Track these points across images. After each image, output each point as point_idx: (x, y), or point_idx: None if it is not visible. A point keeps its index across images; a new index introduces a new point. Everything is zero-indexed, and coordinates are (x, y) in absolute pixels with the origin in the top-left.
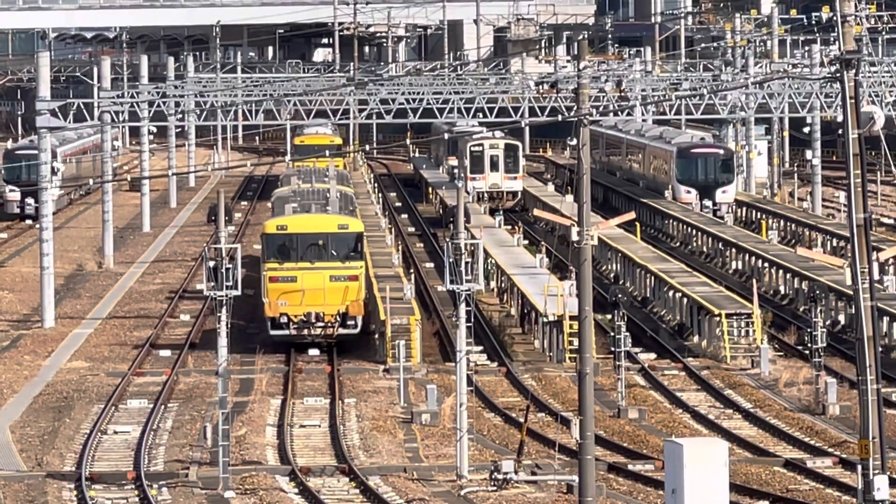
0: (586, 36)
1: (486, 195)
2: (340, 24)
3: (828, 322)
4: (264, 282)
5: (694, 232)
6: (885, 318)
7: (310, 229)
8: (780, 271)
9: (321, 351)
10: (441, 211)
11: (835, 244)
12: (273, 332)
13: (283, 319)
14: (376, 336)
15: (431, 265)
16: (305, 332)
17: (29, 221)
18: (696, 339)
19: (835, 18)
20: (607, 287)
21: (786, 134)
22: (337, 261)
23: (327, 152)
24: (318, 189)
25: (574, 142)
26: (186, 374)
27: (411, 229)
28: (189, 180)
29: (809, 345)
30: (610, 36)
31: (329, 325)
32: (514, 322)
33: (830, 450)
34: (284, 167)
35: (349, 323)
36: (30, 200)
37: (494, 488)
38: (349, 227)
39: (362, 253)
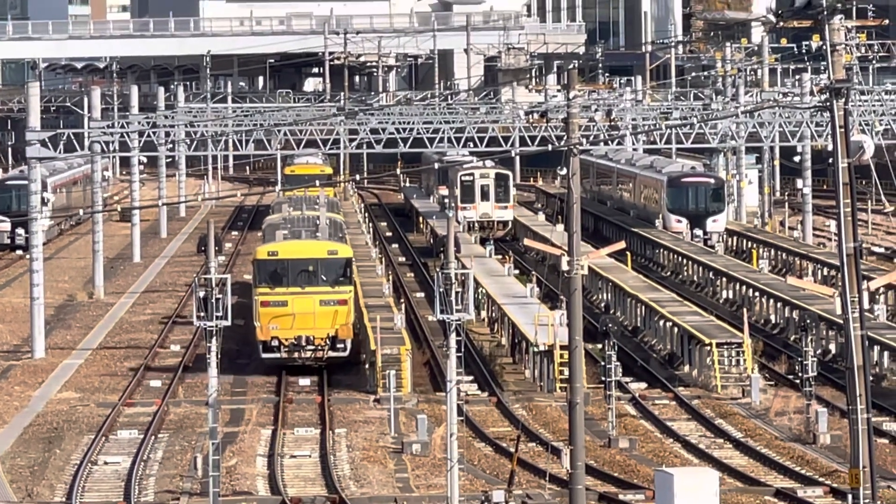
0: (576, 65)
1: (476, 225)
2: (331, 53)
3: (818, 351)
4: (256, 306)
5: (685, 261)
6: (876, 348)
7: (300, 255)
8: (771, 300)
9: (311, 373)
10: (431, 240)
11: (825, 273)
12: (265, 356)
13: (275, 343)
14: (367, 366)
15: (422, 295)
16: (296, 354)
17: (19, 252)
18: (686, 368)
19: (825, 47)
20: (598, 316)
21: (776, 163)
22: (326, 285)
23: (318, 182)
24: (309, 216)
25: (564, 171)
26: (177, 404)
27: (402, 259)
28: (179, 210)
29: (800, 374)
30: (600, 65)
31: (319, 348)
32: (505, 352)
33: (821, 479)
34: (275, 196)
35: (339, 346)
36: (20, 231)
37: None
38: (338, 252)
39: (351, 278)
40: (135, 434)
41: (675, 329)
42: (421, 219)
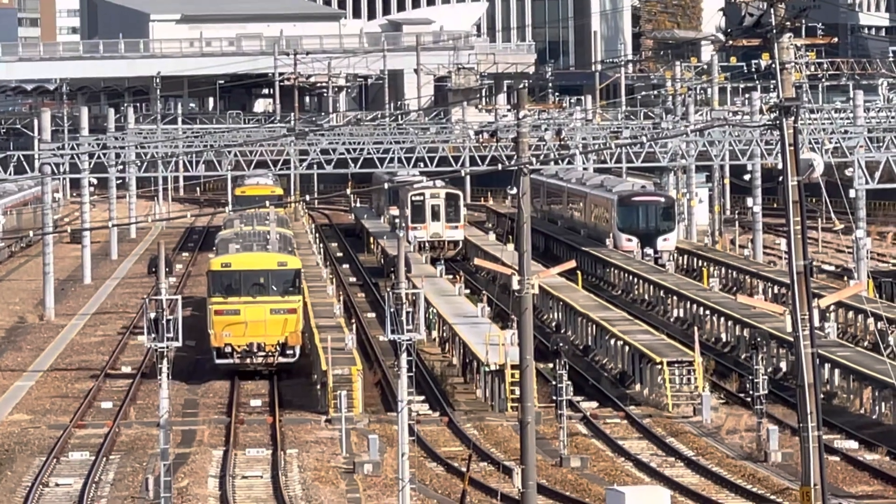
0: (526, 84)
1: (427, 245)
2: (281, 74)
3: (769, 369)
4: (210, 315)
5: (635, 280)
6: (826, 365)
7: (252, 266)
8: (722, 319)
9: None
10: (382, 261)
11: (776, 291)
12: (218, 361)
13: (228, 349)
14: (318, 386)
15: (373, 315)
16: (248, 360)
17: None
18: (638, 387)
19: (774, 66)
20: (549, 336)
21: (726, 181)
22: (277, 295)
23: (268, 202)
24: (259, 231)
25: (514, 190)
26: (128, 425)
27: (353, 279)
28: (130, 232)
29: (751, 392)
30: (550, 84)
31: (270, 354)
32: (456, 371)
33: (773, 497)
34: (226, 215)
35: (288, 352)
36: None
37: None
38: (288, 264)
39: (300, 288)
40: (86, 456)
41: (626, 348)
42: (371, 239)
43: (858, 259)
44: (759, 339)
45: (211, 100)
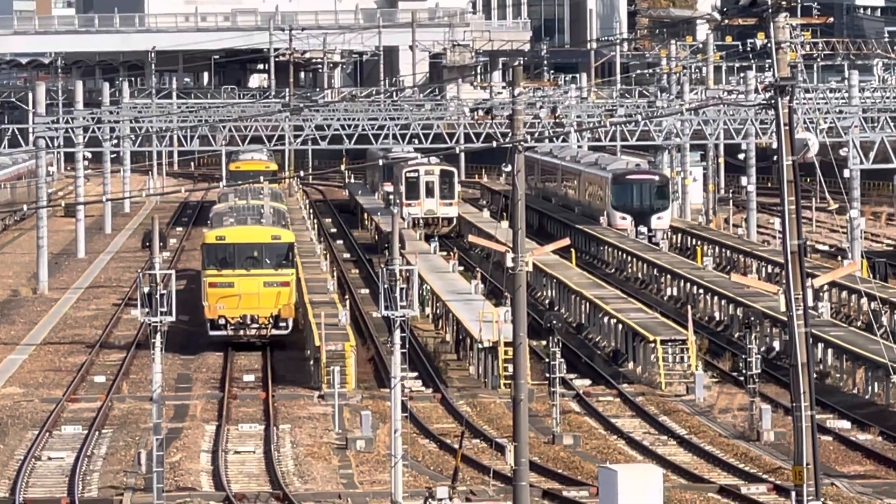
0: (522, 62)
1: (421, 221)
2: (276, 50)
3: (762, 348)
4: (204, 287)
5: (629, 258)
6: (820, 345)
7: (246, 240)
8: (715, 298)
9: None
10: (376, 237)
11: (769, 270)
12: (212, 333)
13: (222, 321)
14: (311, 362)
15: (367, 291)
16: (241, 332)
17: None
18: (631, 365)
19: (770, 45)
20: (542, 313)
21: (721, 160)
22: (270, 268)
23: (262, 178)
24: (253, 205)
25: (509, 168)
26: (121, 399)
27: (347, 255)
28: (124, 206)
29: (744, 371)
30: (545, 62)
31: (263, 326)
32: (450, 348)
33: (765, 476)
34: (220, 190)
35: (281, 324)
36: None
37: None
38: (281, 238)
39: (293, 261)
40: (79, 429)
41: (620, 326)
42: (366, 215)
43: (852, 239)
44: (752, 319)
45: (206, 75)
